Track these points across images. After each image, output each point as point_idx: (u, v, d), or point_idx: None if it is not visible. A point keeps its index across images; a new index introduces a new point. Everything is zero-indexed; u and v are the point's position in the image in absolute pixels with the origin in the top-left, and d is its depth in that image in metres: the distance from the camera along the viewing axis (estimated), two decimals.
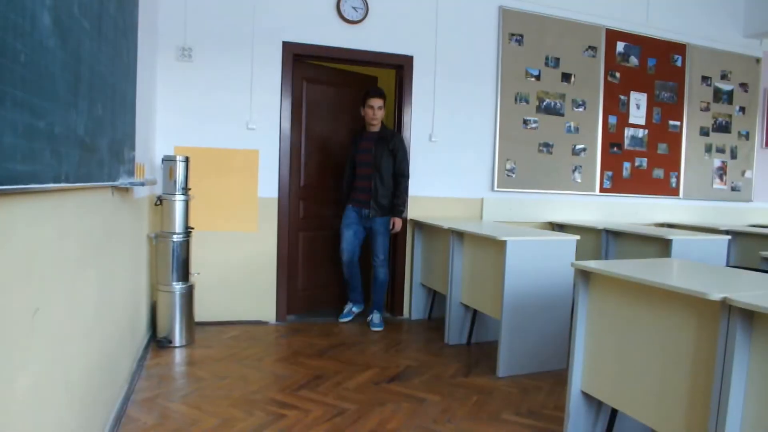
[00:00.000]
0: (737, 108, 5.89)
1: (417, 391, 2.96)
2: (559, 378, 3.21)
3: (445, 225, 3.91)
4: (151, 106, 3.63)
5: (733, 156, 5.92)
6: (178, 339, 3.57)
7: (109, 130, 1.88)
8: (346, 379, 3.11)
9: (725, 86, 5.81)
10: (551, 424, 2.62)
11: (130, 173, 2.36)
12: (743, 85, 5.91)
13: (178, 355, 3.43)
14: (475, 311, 3.88)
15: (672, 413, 1.87)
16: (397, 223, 4.17)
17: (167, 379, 3.01)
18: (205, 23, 3.96)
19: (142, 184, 2.63)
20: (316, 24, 4.21)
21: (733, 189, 5.97)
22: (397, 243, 4.58)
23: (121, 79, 2.10)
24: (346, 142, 4.50)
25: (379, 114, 4.11)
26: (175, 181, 3.56)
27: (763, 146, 6.13)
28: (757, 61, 5.96)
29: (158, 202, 3.64)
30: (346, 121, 4.50)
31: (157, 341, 3.56)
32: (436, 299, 4.59)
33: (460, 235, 3.82)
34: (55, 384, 1.55)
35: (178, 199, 3.56)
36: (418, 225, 4.54)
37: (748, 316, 1.60)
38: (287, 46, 4.15)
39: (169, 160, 3.57)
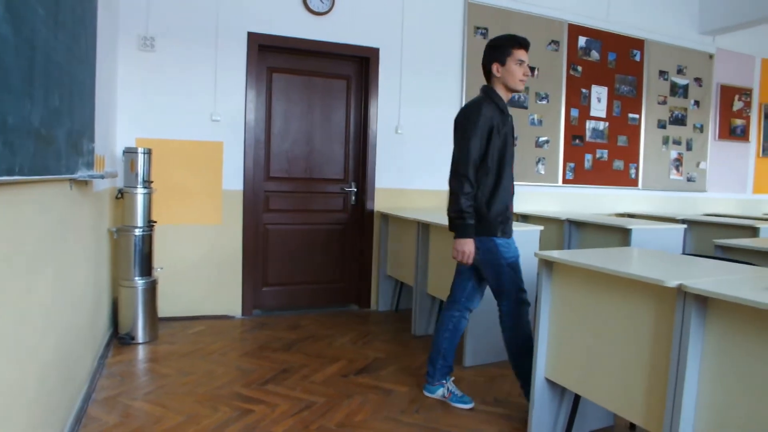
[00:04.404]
0: (692, 102, 6.09)
1: (385, 383, 2.98)
2: None
3: (412, 217, 3.93)
4: (112, 97, 3.53)
5: (689, 148, 6.13)
6: (140, 335, 3.50)
7: (67, 120, 1.82)
8: (313, 373, 3.10)
9: (681, 81, 5.99)
10: (517, 411, 2.68)
11: (90, 166, 2.29)
12: (698, 80, 6.11)
13: (141, 352, 3.36)
14: (441, 302, 3.91)
15: (632, 397, 1.93)
16: None
17: (129, 377, 2.95)
18: (167, 12, 3.86)
19: (102, 177, 2.56)
20: (281, 15, 4.16)
21: (689, 180, 6.17)
22: (364, 235, 4.59)
23: (80, 68, 2.03)
24: (319, 133, 4.46)
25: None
26: (136, 174, 3.47)
27: (716, 139, 6.35)
28: (710, 56, 6.17)
29: (119, 196, 3.55)
30: (316, 111, 4.46)
31: (119, 338, 3.48)
32: (403, 290, 4.62)
33: (426, 226, 3.84)
34: (8, 386, 1.50)
35: (140, 192, 3.48)
36: (385, 217, 4.55)
37: (702, 301, 1.66)
38: (252, 37, 4.09)
39: (130, 152, 3.49)
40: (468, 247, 2.51)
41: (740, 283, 1.73)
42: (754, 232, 4.15)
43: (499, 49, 2.61)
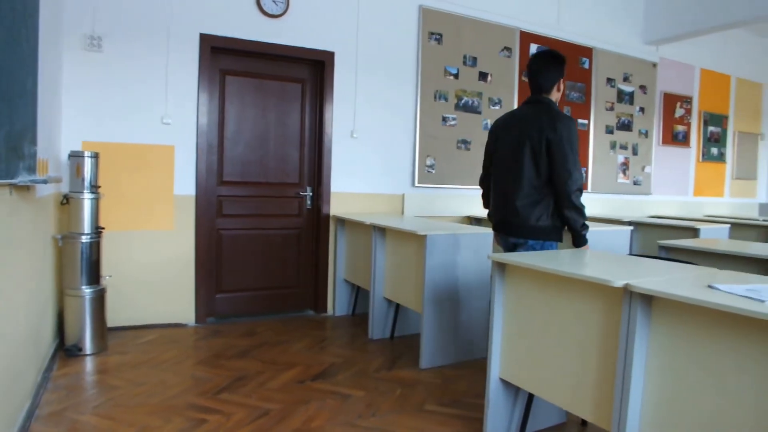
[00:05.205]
0: (638, 108, 6.34)
1: (341, 388, 2.97)
2: (480, 366, 3.32)
3: (368, 221, 3.94)
4: (56, 99, 3.39)
5: (635, 152, 6.37)
6: (88, 346, 3.37)
7: (6, 123, 1.74)
8: (269, 380, 3.06)
9: (627, 88, 6.23)
10: (472, 411, 2.71)
11: (32, 170, 2.20)
12: (642, 88, 6.36)
13: (89, 364, 3.24)
14: (397, 305, 3.94)
15: (582, 394, 1.99)
16: None
17: (77, 390, 2.83)
18: (115, 11, 3.75)
19: (45, 182, 2.45)
20: (235, 17, 4.10)
21: (635, 183, 6.42)
22: (319, 239, 4.56)
23: (20, 68, 1.95)
24: (273, 136, 4.41)
25: None
26: (83, 179, 3.35)
27: (660, 144, 6.63)
28: (654, 65, 6.44)
29: (65, 201, 3.42)
30: (271, 115, 4.41)
31: (66, 350, 3.34)
32: (359, 295, 4.61)
33: (382, 230, 3.86)
34: None
35: (87, 198, 3.36)
36: (341, 221, 4.54)
37: (647, 300, 1.73)
38: (205, 39, 4.02)
39: (76, 156, 3.36)
40: None
41: (682, 282, 1.80)
42: (694, 233, 4.35)
43: (563, 68, 2.80)
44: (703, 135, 7.13)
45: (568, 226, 2.70)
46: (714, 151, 7.29)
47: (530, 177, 2.69)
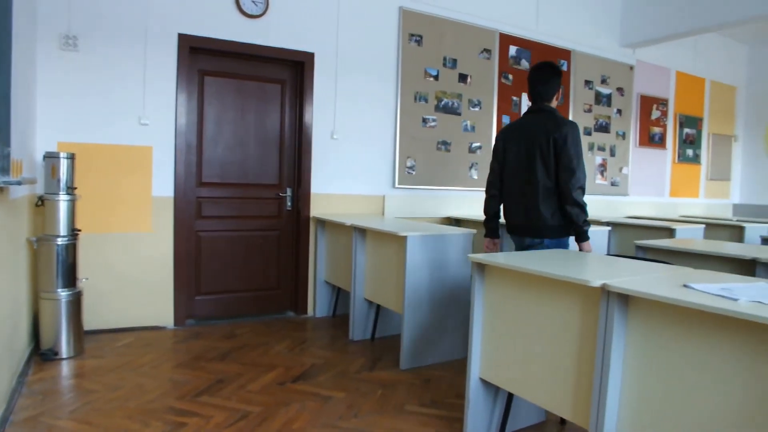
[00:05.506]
0: (615, 110, 6.44)
1: (322, 389, 2.96)
2: (460, 367, 3.34)
3: (348, 222, 3.93)
4: (31, 99, 3.33)
5: (612, 154, 6.46)
6: (64, 350, 3.31)
7: None
8: (249, 382, 3.04)
9: (605, 90, 6.32)
10: (453, 411, 2.72)
11: (5, 171, 2.16)
12: (620, 90, 6.46)
13: (65, 368, 3.18)
14: (378, 306, 3.94)
15: (561, 393, 2.01)
16: None
17: (53, 395, 2.78)
18: (91, 10, 3.69)
19: (19, 183, 2.41)
20: (213, 17, 4.07)
21: (613, 184, 6.51)
22: (300, 240, 4.55)
23: None
24: (253, 137, 4.38)
25: None
26: (58, 180, 3.29)
27: (637, 145, 6.74)
28: (631, 68, 6.55)
29: (39, 203, 3.36)
30: (250, 116, 4.38)
31: (41, 354, 3.28)
32: (340, 296, 4.61)
33: (362, 231, 3.86)
34: None
35: (62, 199, 3.30)
36: (321, 222, 4.53)
37: (624, 299, 1.76)
38: (183, 39, 3.97)
39: (51, 157, 3.30)
40: None
41: (658, 281, 1.84)
42: (670, 233, 4.43)
43: (561, 79, 3.07)
44: (679, 137, 7.26)
45: (571, 222, 2.88)
46: (689, 152, 7.43)
47: (543, 180, 2.90)
